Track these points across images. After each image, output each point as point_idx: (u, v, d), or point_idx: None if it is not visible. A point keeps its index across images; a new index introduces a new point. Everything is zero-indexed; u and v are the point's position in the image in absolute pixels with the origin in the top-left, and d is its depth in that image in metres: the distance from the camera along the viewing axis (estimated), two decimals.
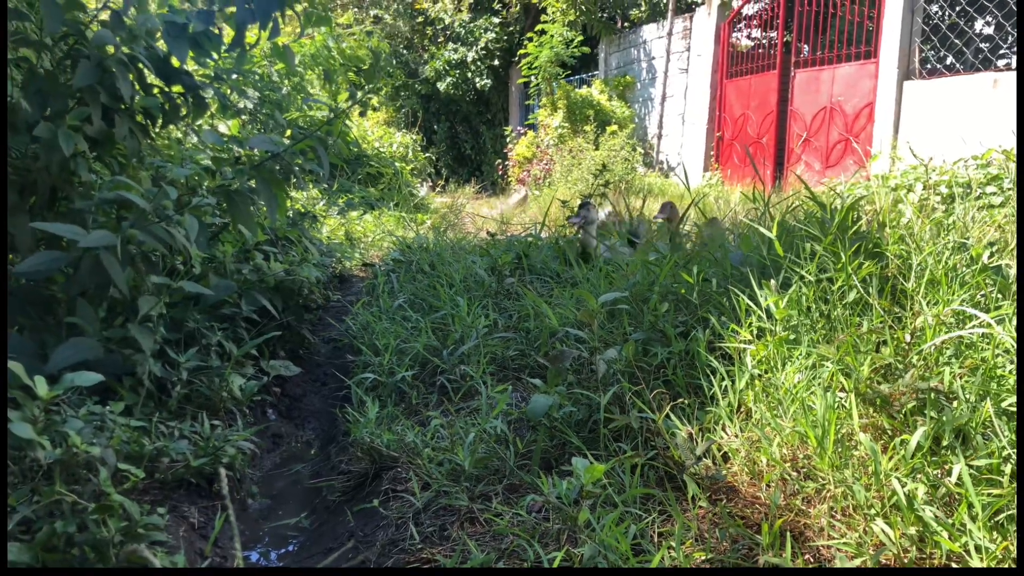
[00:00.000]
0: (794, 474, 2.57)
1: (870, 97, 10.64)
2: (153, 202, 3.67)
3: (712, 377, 3.05)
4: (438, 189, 14.34)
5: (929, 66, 10.33)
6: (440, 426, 3.42)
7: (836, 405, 2.58)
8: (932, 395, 2.48)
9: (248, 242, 4.65)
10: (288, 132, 4.66)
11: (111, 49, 3.73)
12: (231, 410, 3.77)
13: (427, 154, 15.35)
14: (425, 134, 18.90)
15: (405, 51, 19.24)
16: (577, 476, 2.52)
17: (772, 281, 3.16)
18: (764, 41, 13.42)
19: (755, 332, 3.15)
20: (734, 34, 13.85)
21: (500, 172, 17.44)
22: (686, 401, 3.09)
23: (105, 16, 3.84)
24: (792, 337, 3.07)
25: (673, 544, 2.30)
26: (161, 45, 4.05)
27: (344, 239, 7.25)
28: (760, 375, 3.00)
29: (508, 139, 17.42)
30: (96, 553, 2.32)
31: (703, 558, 2.32)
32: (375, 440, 3.37)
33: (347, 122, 4.21)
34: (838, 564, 1.88)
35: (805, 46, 12.23)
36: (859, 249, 3.39)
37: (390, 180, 10.52)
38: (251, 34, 4.23)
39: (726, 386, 3.00)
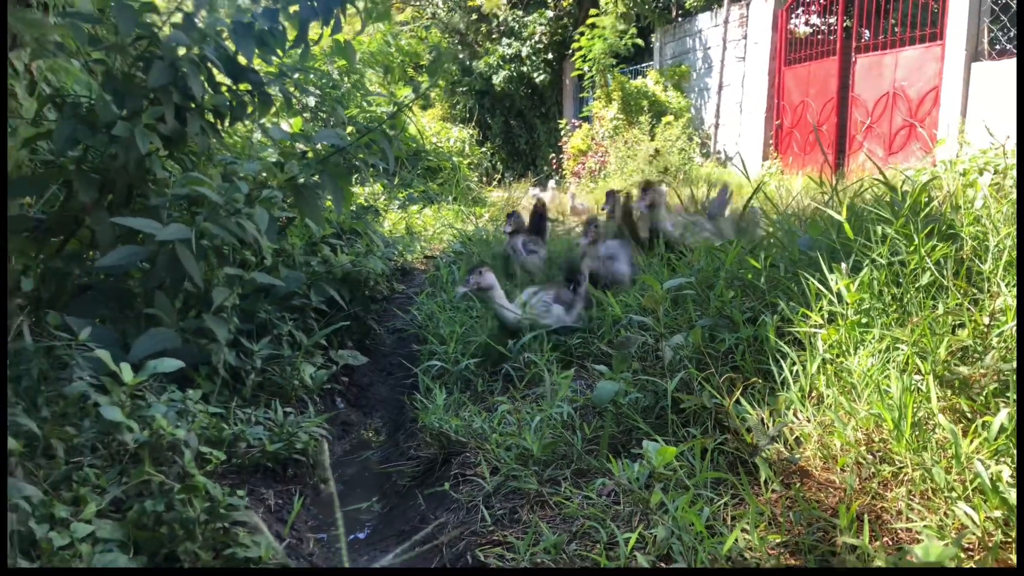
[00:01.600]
0: (869, 457, 2.54)
1: (935, 81, 10.34)
2: (225, 196, 3.78)
3: (782, 362, 3.02)
4: (494, 183, 14.40)
5: (998, 47, 9.99)
6: (506, 412, 3.45)
7: (912, 388, 2.53)
8: (1015, 376, 2.42)
9: (315, 235, 4.76)
10: (349, 128, 4.74)
11: (183, 50, 3.85)
12: (302, 398, 3.86)
13: (482, 149, 15.42)
14: (480, 129, 18.99)
15: (459, 47, 19.35)
16: (648, 459, 2.53)
17: (842, 264, 3.11)
18: (823, 27, 13.14)
19: (826, 316, 3.11)
20: (792, 20, 13.59)
21: (555, 166, 17.42)
22: (755, 386, 3.07)
23: (177, 18, 3.96)
24: (864, 321, 3.02)
25: (747, 526, 2.29)
26: (228, 44, 4.16)
27: (405, 232, 7.35)
28: (831, 359, 2.96)
29: (562, 132, 17.40)
30: (184, 531, 2.41)
31: (777, 540, 2.31)
32: (443, 426, 3.42)
33: (407, 117, 4.27)
34: (918, 548, 1.85)
35: (866, 31, 11.94)
36: (932, 231, 3.31)
37: (448, 174, 10.62)
38: (313, 31, 4.31)
39: (797, 371, 2.97)
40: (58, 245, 4.00)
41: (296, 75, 5.52)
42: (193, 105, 3.99)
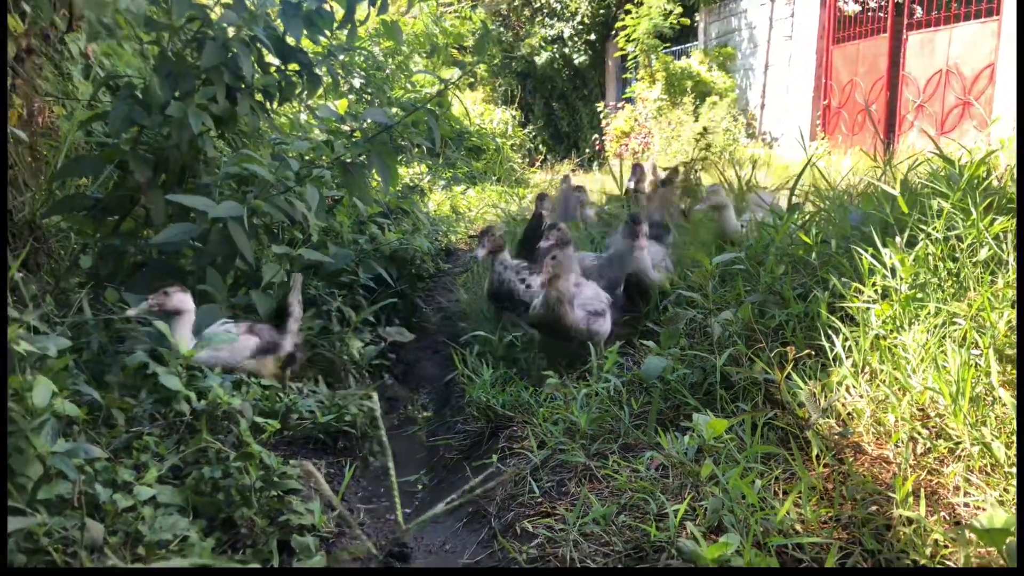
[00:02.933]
0: (924, 432, 2.50)
1: (991, 57, 10.03)
2: (276, 174, 3.84)
3: (834, 337, 2.98)
4: (536, 165, 14.38)
5: None
6: (554, 387, 3.46)
7: (971, 362, 2.48)
8: None
9: (362, 214, 4.81)
10: (394, 109, 4.76)
11: (233, 30, 3.90)
12: (351, 373, 3.92)
13: (525, 130, 15.39)
14: (522, 111, 18.94)
15: (503, 28, 19.28)
16: (698, 432, 2.53)
17: (896, 239, 3.06)
18: (873, 4, 12.82)
19: (879, 291, 3.06)
20: None
21: (598, 147, 17.31)
22: (806, 362, 3.03)
23: None
24: (918, 296, 2.96)
25: (798, 500, 2.28)
26: (277, 25, 4.20)
27: (450, 212, 7.39)
28: (884, 335, 2.91)
29: (604, 114, 17.27)
30: (240, 497, 2.47)
31: (829, 515, 2.29)
32: (490, 400, 3.45)
33: (454, 95, 4.28)
34: (981, 516, 1.83)
35: (918, 7, 11.61)
36: (990, 205, 3.23)
37: (491, 155, 10.62)
38: (360, 12, 4.33)
39: (849, 346, 2.93)
40: (114, 224, 4.10)
41: (342, 56, 5.56)
42: (243, 85, 4.04)
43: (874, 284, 3.06)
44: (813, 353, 3.05)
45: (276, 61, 4.23)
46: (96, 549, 1.94)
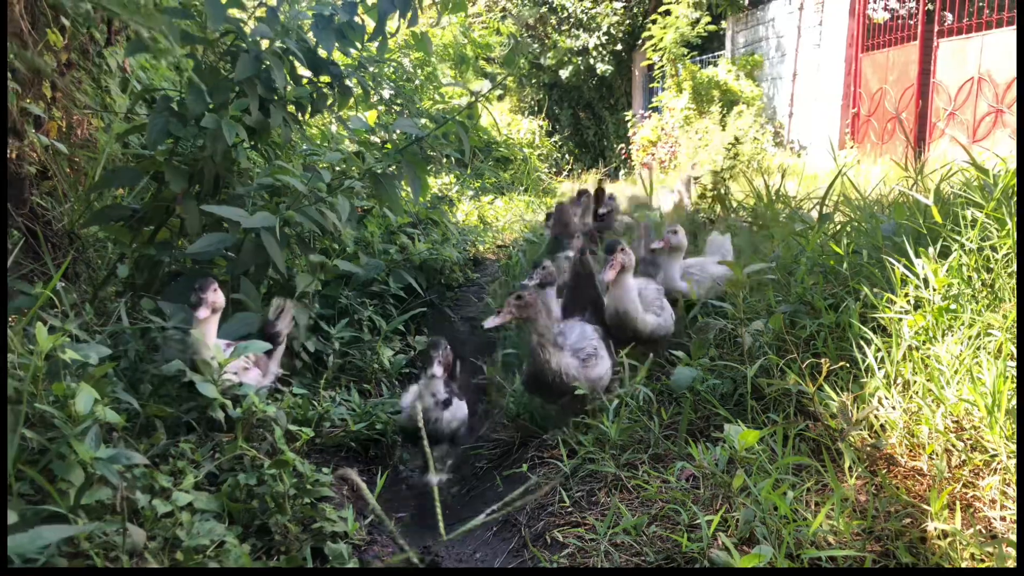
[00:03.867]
0: (960, 445, 2.47)
1: None
2: (308, 185, 3.89)
3: (866, 348, 2.96)
4: (563, 175, 14.41)
5: None
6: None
7: (1006, 374, 2.46)
8: None
9: (392, 224, 4.85)
10: (424, 120, 4.80)
11: (266, 43, 3.97)
12: (381, 381, 3.95)
13: (552, 140, 15.43)
14: (549, 121, 18.99)
15: (530, 39, 19.37)
16: (730, 442, 2.52)
17: (929, 249, 3.04)
18: (903, 11, 12.72)
19: (912, 302, 3.03)
20: (870, 6, 13.19)
21: (624, 156, 17.30)
22: (838, 373, 3.01)
23: (261, 12, 4.09)
24: (952, 307, 2.94)
25: (832, 512, 2.27)
26: (309, 37, 4.26)
27: (478, 222, 7.43)
28: (917, 346, 2.89)
29: (631, 123, 17.26)
30: (275, 504, 2.51)
31: (862, 527, 2.27)
32: (520, 410, 3.46)
33: (483, 106, 4.30)
34: (1012, 535, 1.81)
35: (949, 14, 11.51)
36: None
37: (519, 166, 10.67)
38: (390, 23, 4.38)
39: (881, 357, 2.91)
40: (150, 234, 4.17)
41: (372, 68, 5.63)
42: (276, 97, 4.11)
43: (907, 295, 3.04)
44: (846, 364, 3.03)
45: (308, 73, 4.30)
46: (136, 554, 1.98)
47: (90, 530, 1.73)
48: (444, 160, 6.98)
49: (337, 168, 4.29)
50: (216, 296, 3.16)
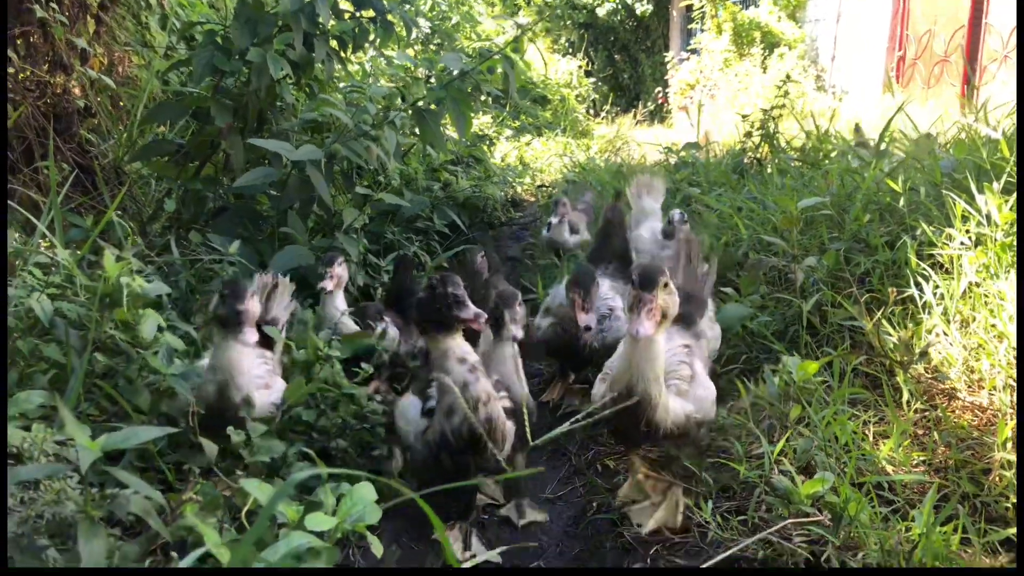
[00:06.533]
0: None
1: None
2: (354, 118, 3.87)
3: (924, 285, 2.91)
4: (599, 118, 14.22)
5: None
6: None
7: None
8: None
9: (434, 162, 4.83)
10: (466, 59, 4.73)
11: None
12: None
13: (590, 80, 15.22)
14: (587, 60, 18.63)
15: None
16: (785, 375, 2.51)
17: (994, 184, 2.96)
18: None
19: (972, 239, 2.97)
20: None
21: (661, 100, 16.99)
22: (894, 310, 2.96)
23: None
24: (1015, 243, 2.87)
25: (891, 444, 2.26)
26: None
27: (517, 162, 7.37)
28: (979, 283, 2.83)
29: (669, 66, 16.92)
30: (336, 430, 2.55)
31: (922, 458, 2.26)
32: None
33: (528, 40, 4.22)
34: None
35: None
36: None
37: (556, 106, 10.54)
38: None
39: (940, 294, 2.86)
40: (195, 169, 4.20)
41: (407, 8, 5.54)
42: (319, 32, 4.07)
43: (967, 231, 2.97)
44: (902, 302, 2.99)
45: (351, 8, 4.25)
46: (207, 470, 2.03)
47: (176, 432, 1.76)
48: (483, 99, 6.91)
49: (382, 104, 4.24)
50: (341, 270, 3.20)
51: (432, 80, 4.41)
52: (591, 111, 14.43)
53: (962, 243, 2.94)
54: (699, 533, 2.22)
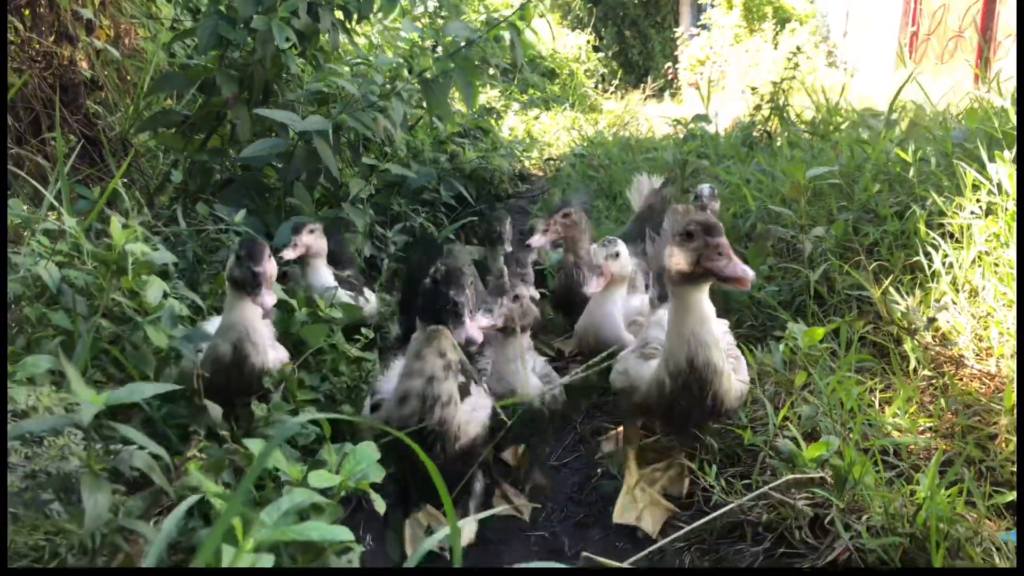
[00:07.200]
0: None
1: None
2: (361, 89, 3.85)
3: (933, 254, 2.88)
4: (608, 94, 14.12)
5: None
6: None
7: None
8: None
9: (440, 134, 4.80)
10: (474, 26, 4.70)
11: None
12: None
13: (599, 55, 15.10)
14: (595, 35, 18.45)
15: None
16: (791, 341, 2.50)
17: (1005, 153, 2.92)
18: None
19: (983, 208, 2.93)
20: None
21: (671, 76, 16.83)
22: (902, 280, 2.94)
23: None
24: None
25: (897, 411, 2.25)
26: None
27: (525, 136, 7.34)
28: (988, 251, 2.80)
29: (679, 41, 16.76)
30: (341, 396, 2.56)
31: (928, 424, 2.26)
32: None
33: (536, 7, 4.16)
34: None
35: None
36: None
37: (565, 80, 10.47)
38: None
39: (950, 262, 2.83)
40: (201, 141, 4.19)
41: None
42: (324, 1, 4.03)
43: (978, 200, 2.94)
44: (910, 271, 2.97)
45: None
46: (213, 430, 2.04)
47: (179, 389, 1.77)
48: (490, 70, 6.87)
49: (388, 74, 4.22)
50: (311, 239, 3.12)
51: (439, 50, 4.38)
52: (600, 87, 14.32)
53: (972, 212, 2.92)
54: (703, 497, 2.23)
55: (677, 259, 1.96)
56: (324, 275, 3.14)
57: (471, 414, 2.12)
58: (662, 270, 2.27)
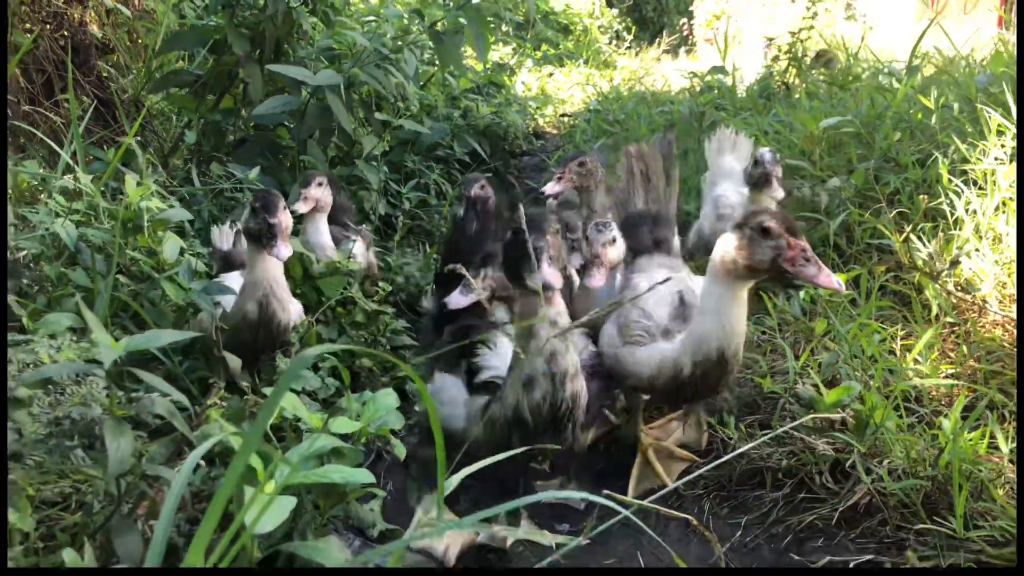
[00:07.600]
0: None
1: None
2: (373, 42, 3.81)
3: (956, 201, 2.83)
4: (622, 50, 13.92)
5: None
6: None
7: None
8: None
9: (454, 90, 4.76)
10: None
11: None
12: None
13: (612, 10, 14.90)
14: None
15: None
16: (810, 289, 2.47)
17: None
18: None
19: (1008, 154, 2.87)
20: None
21: (686, 32, 16.55)
22: (924, 227, 2.90)
23: None
24: None
25: (918, 356, 2.23)
26: None
27: (539, 93, 7.26)
28: (1012, 198, 2.75)
29: None
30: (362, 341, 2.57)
31: (950, 371, 2.24)
32: None
33: None
34: None
35: None
36: None
37: (579, 36, 10.33)
38: None
39: (973, 209, 2.79)
40: (214, 101, 4.17)
41: None
42: None
43: (1003, 145, 2.88)
44: (932, 219, 2.92)
45: None
46: (233, 381, 2.05)
47: (198, 338, 1.77)
48: (504, 27, 6.77)
49: (399, 25, 4.16)
50: (320, 192, 3.01)
51: (450, 3, 4.31)
52: (614, 43, 14.12)
53: (996, 158, 2.86)
54: (723, 445, 2.22)
55: (744, 253, 1.81)
56: (323, 230, 3.05)
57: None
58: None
